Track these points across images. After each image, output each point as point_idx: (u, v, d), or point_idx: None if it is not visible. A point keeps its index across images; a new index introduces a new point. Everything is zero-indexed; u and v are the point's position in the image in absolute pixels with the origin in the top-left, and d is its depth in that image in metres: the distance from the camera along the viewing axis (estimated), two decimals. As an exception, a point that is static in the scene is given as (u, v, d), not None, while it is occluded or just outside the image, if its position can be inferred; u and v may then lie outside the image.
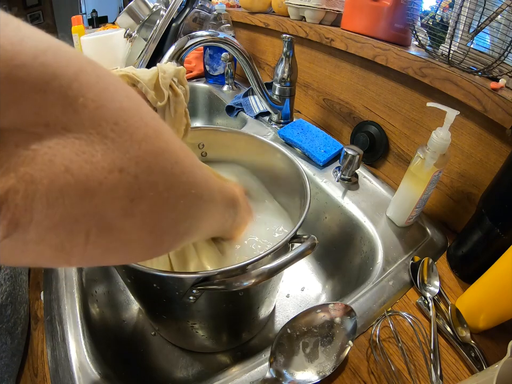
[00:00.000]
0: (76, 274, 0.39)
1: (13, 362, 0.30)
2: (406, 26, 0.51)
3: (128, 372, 0.37)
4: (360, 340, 0.34)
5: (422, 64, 0.45)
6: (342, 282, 0.50)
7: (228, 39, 0.54)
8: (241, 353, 0.41)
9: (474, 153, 0.44)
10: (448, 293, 0.39)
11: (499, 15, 0.42)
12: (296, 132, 0.62)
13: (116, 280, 0.48)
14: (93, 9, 2.80)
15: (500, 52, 0.39)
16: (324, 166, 0.57)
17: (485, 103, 0.39)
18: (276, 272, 0.24)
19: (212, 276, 0.23)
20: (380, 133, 0.58)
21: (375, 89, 0.57)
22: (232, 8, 0.98)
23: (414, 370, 0.31)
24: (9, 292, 0.32)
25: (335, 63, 0.65)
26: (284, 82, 0.64)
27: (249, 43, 0.94)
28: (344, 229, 0.50)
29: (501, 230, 0.35)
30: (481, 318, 0.33)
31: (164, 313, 0.34)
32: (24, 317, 0.33)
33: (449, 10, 0.52)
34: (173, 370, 0.40)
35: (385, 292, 0.38)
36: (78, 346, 0.32)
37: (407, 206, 0.44)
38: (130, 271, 0.28)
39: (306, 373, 0.29)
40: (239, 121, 0.77)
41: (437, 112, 0.44)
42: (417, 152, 0.41)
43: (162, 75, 0.27)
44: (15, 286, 0.33)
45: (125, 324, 0.44)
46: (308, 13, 0.65)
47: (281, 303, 0.49)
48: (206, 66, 0.92)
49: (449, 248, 0.44)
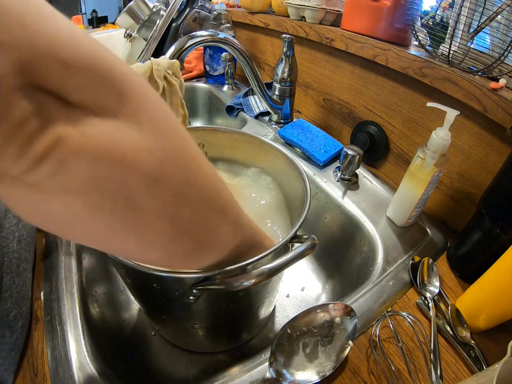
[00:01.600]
0: (76, 274, 0.39)
1: (11, 357, 0.30)
2: (406, 26, 0.51)
3: (128, 371, 0.37)
4: (360, 339, 0.34)
5: (422, 64, 0.46)
6: (342, 282, 0.50)
7: (228, 39, 0.54)
8: (241, 353, 0.41)
9: (474, 153, 0.44)
10: (448, 293, 0.39)
11: (499, 15, 0.42)
12: (296, 132, 0.62)
13: (115, 280, 0.48)
14: (93, 9, 2.80)
15: (500, 52, 0.39)
16: (324, 166, 0.57)
17: (485, 103, 0.39)
18: (276, 272, 0.24)
19: (212, 276, 0.23)
20: (380, 133, 0.58)
21: (375, 89, 0.57)
22: (232, 8, 0.98)
23: (414, 370, 0.31)
24: (8, 285, 0.32)
25: (335, 63, 0.65)
26: (284, 82, 0.64)
27: (249, 43, 0.94)
28: (344, 229, 0.50)
29: (501, 230, 0.35)
30: (481, 318, 0.33)
31: (164, 313, 0.34)
32: (25, 313, 0.34)
33: (449, 10, 0.52)
34: (173, 370, 0.40)
35: (385, 292, 0.38)
36: (78, 346, 0.32)
37: (407, 206, 0.44)
38: (131, 271, 0.28)
39: (306, 373, 0.29)
40: (239, 121, 0.77)
41: (437, 112, 0.44)
42: (417, 152, 0.41)
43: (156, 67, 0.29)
44: (18, 280, 0.34)
45: (125, 324, 0.44)
46: (308, 13, 0.65)
47: (281, 303, 0.49)
48: (206, 66, 0.92)
49: (449, 248, 0.44)
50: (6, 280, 0.32)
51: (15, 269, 0.34)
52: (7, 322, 0.30)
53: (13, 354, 0.30)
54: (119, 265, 0.29)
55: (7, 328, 0.30)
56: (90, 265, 0.43)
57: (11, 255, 0.34)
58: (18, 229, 0.37)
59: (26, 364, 0.31)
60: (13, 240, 0.35)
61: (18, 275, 0.34)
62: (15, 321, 0.31)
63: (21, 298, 0.34)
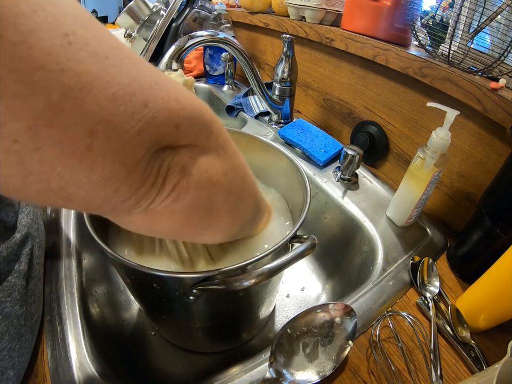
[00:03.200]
0: (76, 274, 0.39)
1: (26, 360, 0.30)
2: (406, 26, 0.51)
3: (128, 371, 0.37)
4: (360, 340, 0.34)
5: (422, 64, 0.45)
6: (342, 282, 0.50)
7: (228, 39, 0.54)
8: (241, 353, 0.41)
9: (474, 153, 0.44)
10: (448, 293, 0.39)
11: (499, 15, 0.42)
12: (296, 132, 0.62)
13: (116, 280, 0.48)
14: (93, 9, 2.80)
15: (500, 52, 0.39)
16: (324, 166, 0.57)
17: (485, 103, 0.39)
18: (276, 272, 0.24)
19: (212, 276, 0.23)
20: (380, 133, 0.58)
21: (375, 89, 0.57)
22: (232, 8, 0.98)
23: (414, 370, 0.31)
24: (33, 290, 0.32)
25: (335, 63, 0.65)
26: (284, 82, 0.64)
27: (249, 43, 0.94)
28: (344, 229, 0.50)
29: (501, 230, 0.35)
30: (481, 318, 0.33)
31: (164, 313, 0.34)
32: (40, 317, 0.34)
33: (449, 10, 0.52)
34: (173, 370, 0.40)
35: (385, 292, 0.38)
36: (78, 346, 0.32)
37: (407, 206, 0.44)
38: (131, 271, 0.28)
39: (306, 373, 0.29)
40: (239, 121, 0.77)
41: (437, 112, 0.44)
42: (417, 152, 0.41)
43: None
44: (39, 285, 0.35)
45: (125, 324, 0.44)
46: (308, 13, 0.65)
47: (281, 303, 0.49)
48: (206, 66, 0.92)
49: (449, 248, 0.44)
50: (31, 286, 0.32)
51: (37, 274, 0.35)
52: (30, 327, 0.31)
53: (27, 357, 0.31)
54: (119, 265, 0.29)
55: (30, 332, 0.30)
56: (90, 265, 0.43)
57: (35, 260, 0.34)
58: (39, 234, 0.37)
59: (26, 363, 0.31)
60: (35, 245, 0.35)
61: (40, 280, 0.35)
62: (36, 325, 0.32)
63: (40, 302, 0.34)
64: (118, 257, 0.24)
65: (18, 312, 0.29)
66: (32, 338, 0.31)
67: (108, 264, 0.47)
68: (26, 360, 0.30)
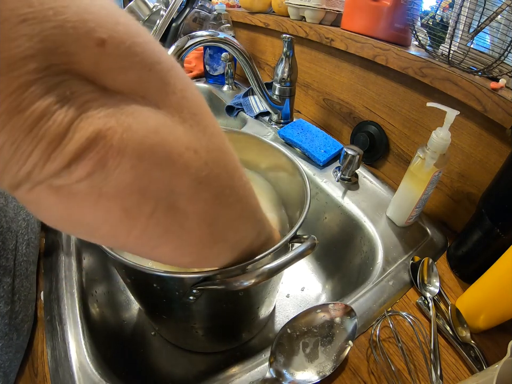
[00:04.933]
0: (76, 274, 0.39)
1: (16, 359, 0.30)
2: (406, 26, 0.51)
3: (128, 371, 0.37)
4: (360, 339, 0.34)
5: (422, 64, 0.45)
6: (342, 282, 0.50)
7: (227, 39, 0.54)
8: (241, 353, 0.41)
9: (474, 153, 0.44)
10: (448, 293, 0.39)
11: (499, 15, 0.42)
12: (296, 132, 0.62)
13: (116, 280, 0.48)
14: (93, 9, 2.80)
15: (500, 52, 0.39)
16: (324, 166, 0.57)
17: (485, 103, 0.39)
18: (276, 272, 0.24)
19: (212, 276, 0.23)
20: (380, 133, 0.58)
21: (375, 89, 0.57)
22: (232, 8, 0.98)
23: (414, 370, 0.31)
24: (17, 288, 0.32)
25: (335, 63, 0.65)
26: (284, 82, 0.64)
27: (249, 43, 0.94)
28: (344, 229, 0.50)
29: (501, 230, 0.35)
30: (481, 318, 0.33)
31: (164, 313, 0.34)
32: (31, 315, 0.34)
33: (449, 10, 0.52)
34: (173, 370, 0.40)
35: (385, 292, 0.38)
36: (78, 346, 0.32)
37: (407, 206, 0.44)
38: (131, 271, 0.28)
39: (306, 373, 0.29)
40: (239, 121, 0.77)
41: (437, 112, 0.44)
42: (417, 152, 0.41)
43: None
44: (26, 283, 0.34)
45: (125, 324, 0.44)
46: (308, 13, 0.65)
47: (281, 303, 0.49)
48: (206, 66, 0.92)
49: (449, 248, 0.44)
50: (16, 283, 0.32)
51: (24, 272, 0.34)
52: (15, 325, 0.30)
53: (18, 356, 0.31)
54: (119, 265, 0.29)
55: (15, 331, 0.30)
56: (90, 265, 0.43)
57: (20, 258, 0.34)
58: (28, 232, 0.37)
59: (26, 364, 0.31)
60: (22, 243, 0.35)
61: (27, 278, 0.34)
62: (22, 323, 0.31)
63: (28, 301, 0.34)
64: (118, 257, 0.24)
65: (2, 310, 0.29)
66: (18, 337, 0.30)
67: (108, 264, 0.47)
68: (14, 358, 0.30)
